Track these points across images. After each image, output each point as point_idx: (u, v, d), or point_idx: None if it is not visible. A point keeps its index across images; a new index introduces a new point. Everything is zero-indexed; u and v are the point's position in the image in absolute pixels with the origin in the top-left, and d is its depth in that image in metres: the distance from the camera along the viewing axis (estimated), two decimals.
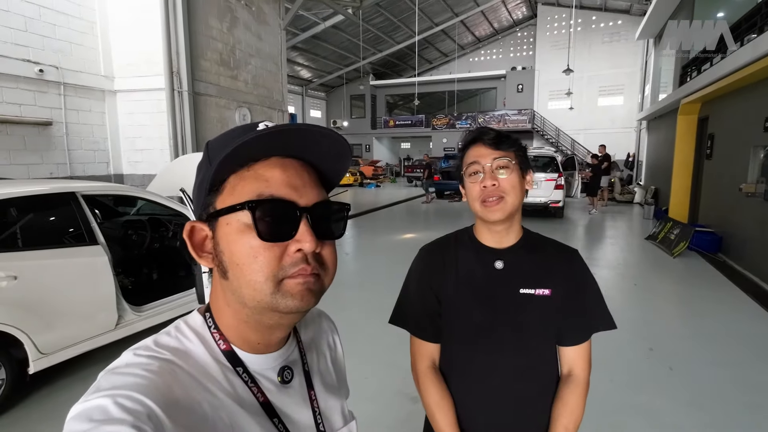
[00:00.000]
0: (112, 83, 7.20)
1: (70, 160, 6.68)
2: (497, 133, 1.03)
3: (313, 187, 0.52)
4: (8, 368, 2.58)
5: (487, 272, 1.04)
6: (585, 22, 22.47)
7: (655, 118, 13.68)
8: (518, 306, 1.01)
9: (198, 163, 0.55)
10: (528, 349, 1.02)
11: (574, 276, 1.05)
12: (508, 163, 0.99)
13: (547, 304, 1.01)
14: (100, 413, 0.39)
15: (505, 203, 0.98)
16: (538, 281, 1.02)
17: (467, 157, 1.04)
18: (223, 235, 0.49)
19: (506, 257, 1.04)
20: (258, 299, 0.48)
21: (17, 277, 2.56)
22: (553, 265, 1.04)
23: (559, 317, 1.02)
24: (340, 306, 4.58)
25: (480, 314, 1.03)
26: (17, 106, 5.94)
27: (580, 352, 1.04)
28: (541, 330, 1.02)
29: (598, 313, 1.06)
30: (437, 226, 10.16)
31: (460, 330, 1.05)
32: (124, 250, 3.71)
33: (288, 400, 0.56)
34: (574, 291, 1.04)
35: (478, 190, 1.00)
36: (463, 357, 1.05)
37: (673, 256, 6.74)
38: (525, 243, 1.07)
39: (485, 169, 0.99)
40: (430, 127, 25.78)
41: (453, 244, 1.12)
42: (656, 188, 12.22)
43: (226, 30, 8.13)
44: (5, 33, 5.75)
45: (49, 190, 2.98)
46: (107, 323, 3.04)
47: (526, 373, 1.02)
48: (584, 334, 1.04)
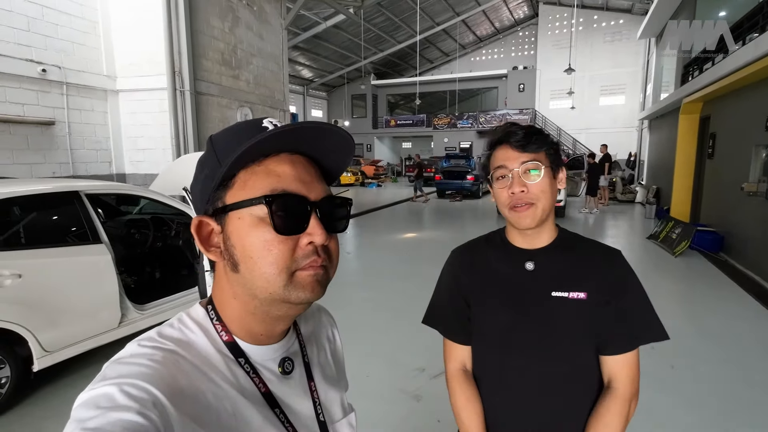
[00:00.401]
0: (115, 83, 7.22)
1: (73, 160, 6.71)
2: (525, 132, 0.94)
3: (320, 182, 0.54)
4: (13, 366, 2.60)
5: (517, 274, 0.99)
6: (586, 22, 22.45)
7: (656, 117, 13.66)
8: (550, 310, 0.95)
9: (200, 158, 0.55)
10: (563, 357, 0.95)
11: (614, 278, 0.95)
12: (538, 166, 0.92)
13: (582, 309, 0.93)
14: (107, 401, 0.40)
15: (536, 209, 0.93)
16: (573, 283, 0.95)
17: (494, 160, 0.97)
18: (235, 229, 0.50)
19: (538, 258, 0.98)
20: (270, 291, 0.49)
21: (22, 275, 2.57)
22: (591, 267, 0.97)
23: (598, 323, 0.94)
24: (342, 304, 4.59)
25: (509, 317, 0.98)
26: (20, 105, 5.96)
27: (623, 363, 0.94)
28: (576, 336, 0.94)
29: (644, 321, 0.96)
30: (438, 226, 10.16)
31: (490, 333, 1.01)
32: (127, 249, 3.72)
33: (289, 391, 0.57)
34: (615, 295, 0.94)
35: (507, 196, 0.94)
36: (493, 361, 1.02)
37: (675, 256, 6.73)
38: (559, 243, 1.00)
39: (513, 174, 0.93)
40: (432, 126, 25.77)
41: (483, 246, 1.08)
42: (658, 188, 12.20)
43: (228, 29, 8.14)
44: (8, 33, 5.77)
45: (53, 189, 3.00)
46: (110, 321, 3.05)
47: (560, 381, 0.95)
48: (627, 343, 0.94)
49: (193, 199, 0.56)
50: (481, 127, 24.11)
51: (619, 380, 0.94)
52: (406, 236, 8.77)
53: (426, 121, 26.14)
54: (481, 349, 1.05)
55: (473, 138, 24.61)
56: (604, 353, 0.96)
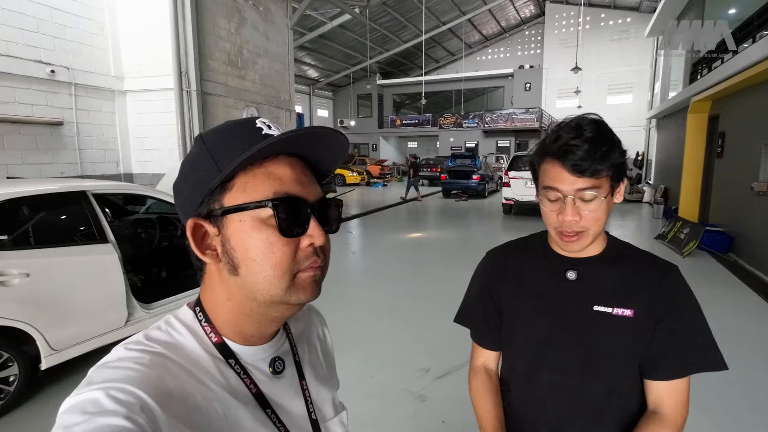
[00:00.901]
0: (122, 83, 7.28)
1: (81, 160, 6.77)
2: (587, 150, 0.78)
3: (315, 184, 0.55)
4: (21, 364, 2.63)
5: (556, 283, 0.92)
6: (593, 20, 22.30)
7: (664, 116, 13.54)
8: (590, 325, 0.87)
9: (189, 158, 0.53)
10: (600, 376, 0.87)
11: (668, 297, 0.86)
12: (597, 192, 0.81)
13: (627, 327, 0.85)
14: (93, 406, 0.39)
15: (586, 237, 0.84)
16: (618, 299, 0.86)
17: (543, 175, 0.86)
18: (236, 231, 0.49)
19: (581, 268, 0.90)
20: (272, 293, 0.49)
21: (29, 274, 2.60)
22: (641, 282, 0.87)
23: (644, 344, 0.86)
24: (346, 304, 4.58)
25: (544, 329, 0.91)
26: (29, 106, 6.03)
27: (672, 390, 0.86)
28: (619, 356, 0.87)
29: (699, 347, 0.86)
30: (444, 226, 10.14)
31: (523, 343, 0.95)
32: (134, 249, 3.75)
33: (280, 391, 0.57)
34: (668, 316, 0.85)
35: (555, 219, 0.85)
36: (525, 372, 0.96)
37: (683, 256, 6.67)
38: (608, 253, 0.91)
39: (567, 200, 0.82)
40: (438, 126, 25.73)
41: (521, 250, 1.01)
42: (666, 187, 12.10)
43: (234, 30, 8.17)
44: (18, 35, 5.83)
45: (61, 188, 3.02)
46: (117, 320, 3.08)
47: (594, 400, 0.88)
48: (679, 370, 0.85)
49: (181, 201, 0.54)
50: (487, 126, 24.03)
51: (666, 407, 0.86)
52: (411, 236, 8.76)
53: (432, 121, 26.09)
54: (511, 358, 1.01)
55: (479, 137, 24.53)
56: (651, 377, 0.87)
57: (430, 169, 20.81)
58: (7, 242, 2.66)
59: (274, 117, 9.52)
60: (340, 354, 3.23)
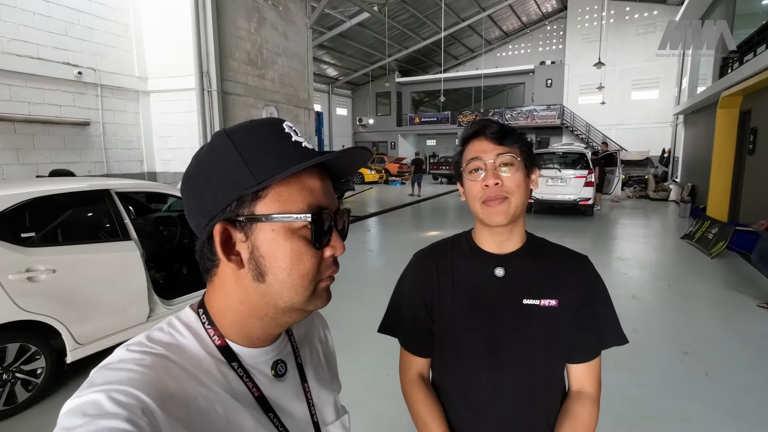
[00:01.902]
0: (146, 84, 7.45)
1: (107, 159, 6.96)
2: (501, 126, 0.92)
3: (334, 195, 0.56)
4: (48, 357, 2.72)
5: (486, 281, 0.95)
6: (618, 14, 21.72)
7: (692, 112, 13.10)
8: (522, 318, 0.92)
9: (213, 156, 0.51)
10: (537, 367, 0.92)
11: (582, 285, 0.94)
12: (513, 159, 0.89)
13: (553, 316, 0.91)
14: (94, 408, 0.39)
15: (509, 204, 0.89)
16: (544, 291, 0.92)
17: (467, 152, 0.94)
18: (267, 240, 0.49)
19: (508, 264, 0.94)
20: (294, 301, 0.51)
21: (56, 270, 2.68)
22: (561, 273, 0.95)
23: (568, 331, 0.92)
24: (363, 302, 4.61)
25: (481, 328, 0.93)
26: (58, 107, 6.23)
27: (592, 369, 0.95)
28: (550, 345, 0.92)
29: (609, 327, 0.96)
30: (462, 224, 10.05)
31: (460, 346, 0.95)
32: (156, 246, 3.83)
33: (282, 394, 0.57)
34: (585, 302, 0.93)
35: (479, 189, 0.90)
36: (464, 376, 0.95)
37: (711, 257, 6.44)
38: (529, 248, 0.97)
39: (487, 165, 0.89)
40: (456, 123, 25.52)
41: (449, 250, 1.02)
42: (693, 185, 11.72)
43: (254, 30, 8.26)
44: (47, 38, 6.03)
45: (86, 187, 3.11)
46: (139, 316, 3.15)
47: (536, 393, 0.93)
48: (595, 350, 0.95)
49: (199, 201, 0.51)
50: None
51: (590, 386, 0.95)
52: (429, 234, 8.72)
53: (450, 118, 25.90)
54: (445, 363, 0.99)
55: None
56: (574, 361, 0.95)
57: (449, 167, 20.69)
58: (36, 239, 2.75)
59: (294, 116, 9.60)
60: (356, 353, 3.25)
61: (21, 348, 2.61)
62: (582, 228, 9.03)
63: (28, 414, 2.63)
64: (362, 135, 28.72)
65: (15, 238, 2.63)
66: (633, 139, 21.19)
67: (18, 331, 2.58)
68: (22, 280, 2.53)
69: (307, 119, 10.25)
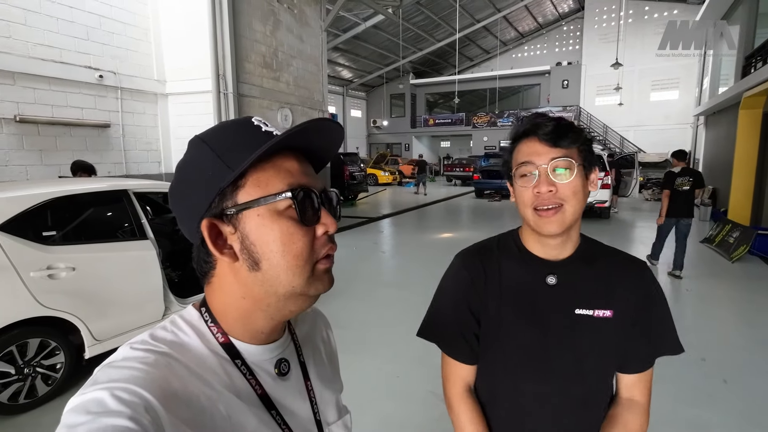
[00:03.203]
0: (164, 87, 7.59)
1: (126, 160, 7.12)
2: (556, 124, 0.83)
3: (316, 176, 0.56)
4: (67, 353, 2.79)
5: (537, 288, 0.89)
6: (636, 13, 21.37)
7: (714, 113, 12.79)
8: (573, 329, 0.86)
9: (191, 162, 0.53)
10: (586, 379, 0.87)
11: (642, 294, 0.88)
12: (570, 163, 0.81)
13: (607, 328, 0.86)
14: (98, 406, 0.40)
15: (564, 213, 0.82)
16: (598, 301, 0.86)
17: (518, 154, 0.86)
18: (255, 226, 0.49)
19: (560, 271, 0.88)
20: (294, 284, 0.51)
21: (75, 268, 2.76)
22: (617, 281, 0.88)
23: (622, 342, 0.87)
24: (375, 303, 4.62)
25: (529, 337, 0.88)
26: (80, 109, 6.39)
27: (644, 378, 0.90)
28: (601, 357, 0.87)
29: (665, 336, 0.90)
30: (476, 226, 10.00)
31: (506, 354, 0.91)
32: (172, 245, 3.90)
33: (285, 392, 0.57)
34: (642, 311, 0.87)
35: (531, 196, 0.83)
36: (508, 385, 0.91)
37: (732, 261, 6.28)
38: (583, 254, 0.90)
39: (540, 170, 0.82)
40: (471, 125, 25.39)
41: (496, 252, 0.96)
42: (714, 188, 11.44)
43: (269, 33, 8.36)
44: (70, 42, 6.20)
45: (106, 187, 3.19)
46: (155, 313, 3.21)
47: (582, 404, 0.88)
48: (650, 360, 0.90)
49: (187, 205, 0.53)
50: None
51: (638, 395, 0.91)
52: (442, 236, 8.69)
53: (465, 120, 25.78)
54: (493, 371, 0.94)
55: None
56: (626, 371, 0.90)
57: (463, 168, 20.59)
58: (57, 238, 2.84)
59: (308, 117, 9.66)
60: (367, 353, 3.26)
61: (41, 343, 2.69)
62: (598, 231, 8.89)
63: (47, 407, 2.70)
64: (376, 136, 28.78)
65: (37, 236, 2.71)
66: (652, 140, 20.80)
67: (39, 326, 2.66)
68: (43, 278, 2.61)
69: None
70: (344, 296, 4.76)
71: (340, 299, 4.63)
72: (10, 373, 2.57)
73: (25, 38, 5.66)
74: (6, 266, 2.49)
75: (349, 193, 13.25)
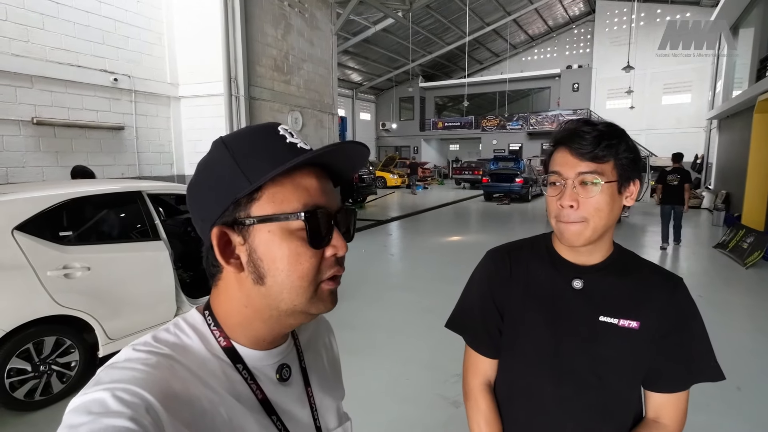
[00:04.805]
0: (177, 90, 7.70)
1: (139, 162, 7.22)
2: (595, 136, 0.79)
3: (335, 194, 0.55)
4: (81, 351, 2.84)
5: (562, 291, 0.88)
6: (648, 16, 21.19)
7: (727, 116, 12.62)
8: (595, 336, 0.85)
9: (210, 164, 0.52)
10: (605, 388, 0.85)
11: (674, 310, 0.85)
12: (598, 178, 0.78)
13: (633, 339, 0.83)
14: (99, 406, 0.40)
15: (586, 227, 0.80)
16: (625, 310, 0.84)
17: (552, 160, 0.85)
18: (264, 241, 0.49)
19: (588, 276, 0.87)
20: (296, 303, 0.50)
21: (90, 268, 2.81)
22: (648, 294, 0.85)
23: (649, 356, 0.84)
24: (383, 306, 4.62)
25: (549, 338, 0.87)
26: (95, 112, 6.51)
27: (675, 401, 0.86)
28: (622, 367, 0.85)
29: (702, 360, 0.86)
30: (484, 229, 9.96)
31: (525, 352, 0.91)
32: (184, 246, 3.95)
33: (286, 398, 0.57)
34: (674, 329, 0.84)
35: (556, 207, 0.83)
36: (525, 383, 0.91)
37: (746, 267, 6.19)
38: (614, 262, 0.88)
39: (567, 183, 0.80)
40: (480, 128, 25.33)
41: (526, 252, 0.96)
42: (727, 193, 11.27)
43: (281, 37, 8.44)
44: (86, 46, 6.32)
45: (120, 189, 3.25)
46: (167, 313, 3.26)
47: (602, 413, 0.86)
48: (683, 383, 0.86)
49: (200, 207, 0.53)
50: (531, 128, 23.38)
51: (666, 417, 0.87)
52: (451, 239, 8.68)
53: (474, 123, 25.73)
54: (511, 367, 0.95)
55: (523, 140, 23.92)
56: (653, 389, 0.87)
57: (472, 171, 20.54)
58: (72, 238, 2.89)
59: (317, 120, 9.74)
60: (376, 356, 3.28)
61: (57, 341, 2.74)
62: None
63: (62, 405, 2.74)
64: (385, 139, 28.83)
65: (53, 236, 2.76)
66: (663, 144, 20.56)
67: (54, 325, 2.71)
68: (59, 277, 2.67)
69: (331, 124, 10.38)
70: (353, 298, 4.78)
71: (349, 301, 4.65)
72: (26, 370, 2.62)
73: (42, 42, 5.78)
74: (24, 265, 2.54)
75: (357, 196, 13.31)
